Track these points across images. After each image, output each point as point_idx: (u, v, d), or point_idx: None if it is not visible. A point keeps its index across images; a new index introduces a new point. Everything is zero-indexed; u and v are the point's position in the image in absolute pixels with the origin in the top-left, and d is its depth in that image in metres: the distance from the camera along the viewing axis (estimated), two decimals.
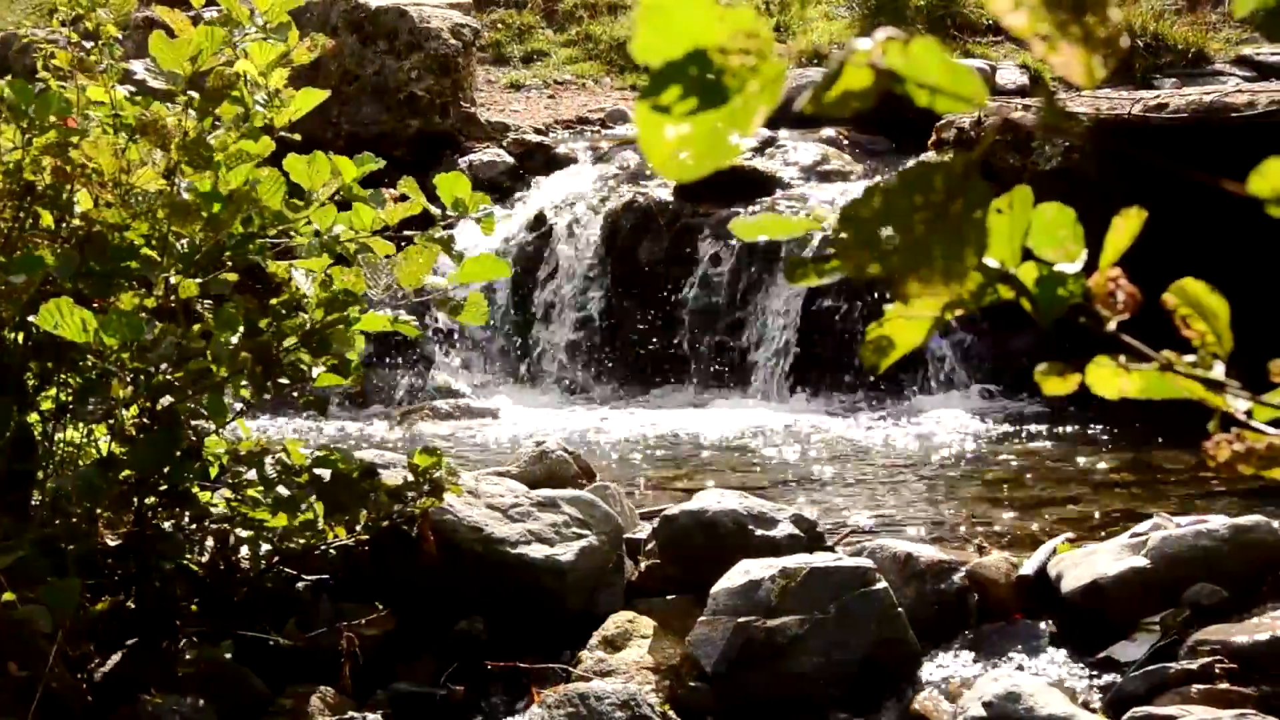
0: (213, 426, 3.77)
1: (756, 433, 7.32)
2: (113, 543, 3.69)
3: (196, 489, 3.77)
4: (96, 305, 3.51)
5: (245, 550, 3.92)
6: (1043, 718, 3.48)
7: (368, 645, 3.92)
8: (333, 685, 3.82)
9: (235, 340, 3.63)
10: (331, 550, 4.02)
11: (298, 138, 3.79)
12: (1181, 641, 3.79)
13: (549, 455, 5.07)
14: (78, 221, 3.63)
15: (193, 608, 3.81)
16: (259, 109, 3.74)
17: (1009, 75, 10.70)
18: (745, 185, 8.78)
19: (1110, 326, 0.99)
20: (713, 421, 7.60)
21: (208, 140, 3.62)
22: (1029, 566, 4.26)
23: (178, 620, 3.77)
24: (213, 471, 3.81)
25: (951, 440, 7.02)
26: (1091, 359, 1.07)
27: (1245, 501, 5.19)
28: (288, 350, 3.67)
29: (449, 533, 4.15)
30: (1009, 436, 7.04)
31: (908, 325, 0.99)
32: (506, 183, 9.60)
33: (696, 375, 8.42)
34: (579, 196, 9.18)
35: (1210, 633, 3.78)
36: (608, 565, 4.31)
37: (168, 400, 3.66)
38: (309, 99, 3.83)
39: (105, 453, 3.70)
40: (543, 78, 12.35)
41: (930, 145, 8.33)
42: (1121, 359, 1.02)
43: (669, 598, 4.25)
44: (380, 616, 3.98)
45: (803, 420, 7.55)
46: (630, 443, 7.19)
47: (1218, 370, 1.01)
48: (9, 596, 3.23)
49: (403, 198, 3.67)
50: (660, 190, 8.90)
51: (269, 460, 3.84)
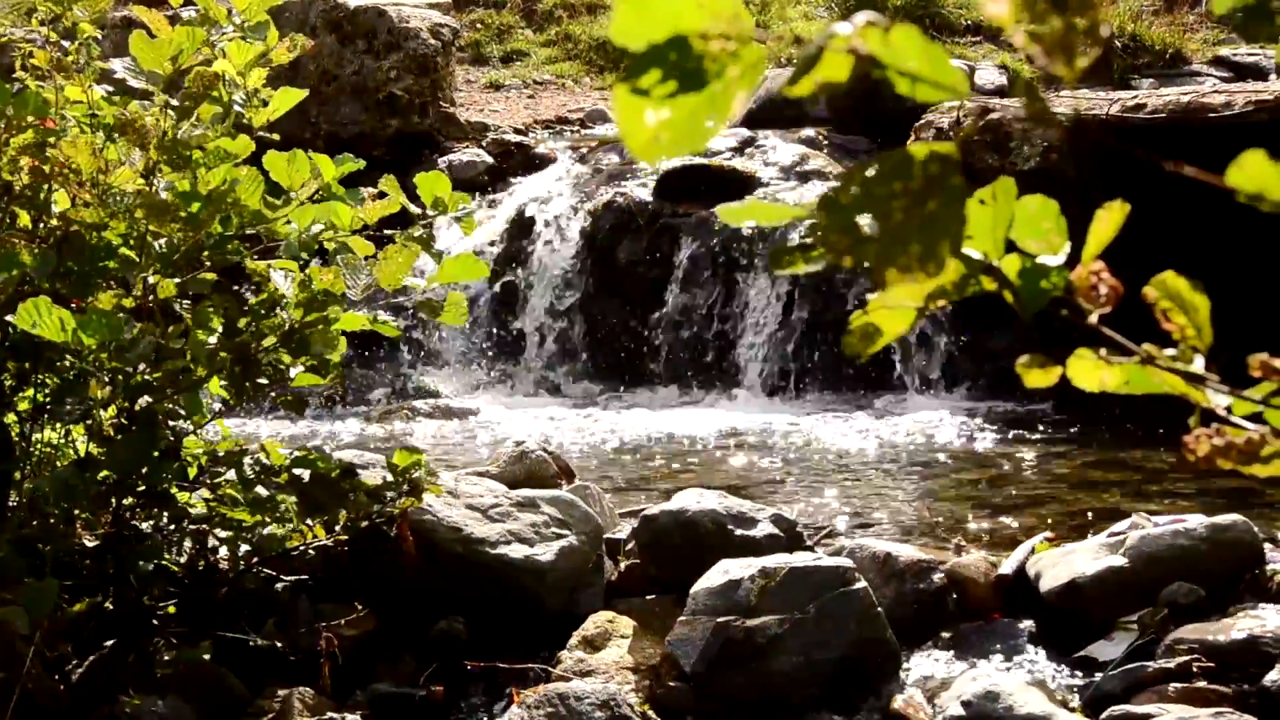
0: (191, 427, 3.76)
1: (736, 433, 7.32)
2: (91, 543, 3.67)
3: (175, 489, 3.76)
4: (74, 305, 3.50)
5: (224, 551, 3.91)
6: (1021, 717, 3.49)
7: (347, 645, 3.91)
8: (312, 686, 3.81)
9: (214, 340, 3.62)
10: (311, 550, 4.01)
11: (276, 137, 3.78)
12: (1159, 640, 3.81)
13: (528, 455, 5.06)
14: (55, 221, 3.62)
15: (171, 608, 3.80)
16: (238, 109, 3.73)
17: (988, 75, 10.72)
18: (725, 185, 8.78)
19: (1092, 319, 0.99)
20: (693, 421, 7.61)
21: (186, 139, 3.61)
22: (1008, 566, 4.27)
23: (156, 621, 3.76)
24: (191, 472, 3.80)
25: (930, 440, 7.04)
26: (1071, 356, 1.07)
27: (1223, 501, 5.21)
28: (267, 350, 3.66)
29: (428, 533, 4.15)
30: (988, 436, 7.06)
31: (891, 314, 0.99)
32: (486, 183, 9.59)
33: (676, 375, 8.42)
34: (558, 196, 9.17)
35: (1188, 632, 3.79)
36: (587, 565, 4.31)
37: (146, 400, 3.65)
38: (287, 99, 3.82)
39: (83, 453, 3.68)
40: (522, 78, 12.34)
41: (909, 144, 8.34)
42: (1102, 352, 1.02)
43: (649, 598, 4.25)
44: (359, 617, 3.98)
45: (782, 420, 7.56)
46: (610, 443, 7.19)
47: (1198, 364, 1.01)
48: None
49: (381, 195, 3.67)
50: (640, 190, 8.90)
51: (248, 460, 3.83)
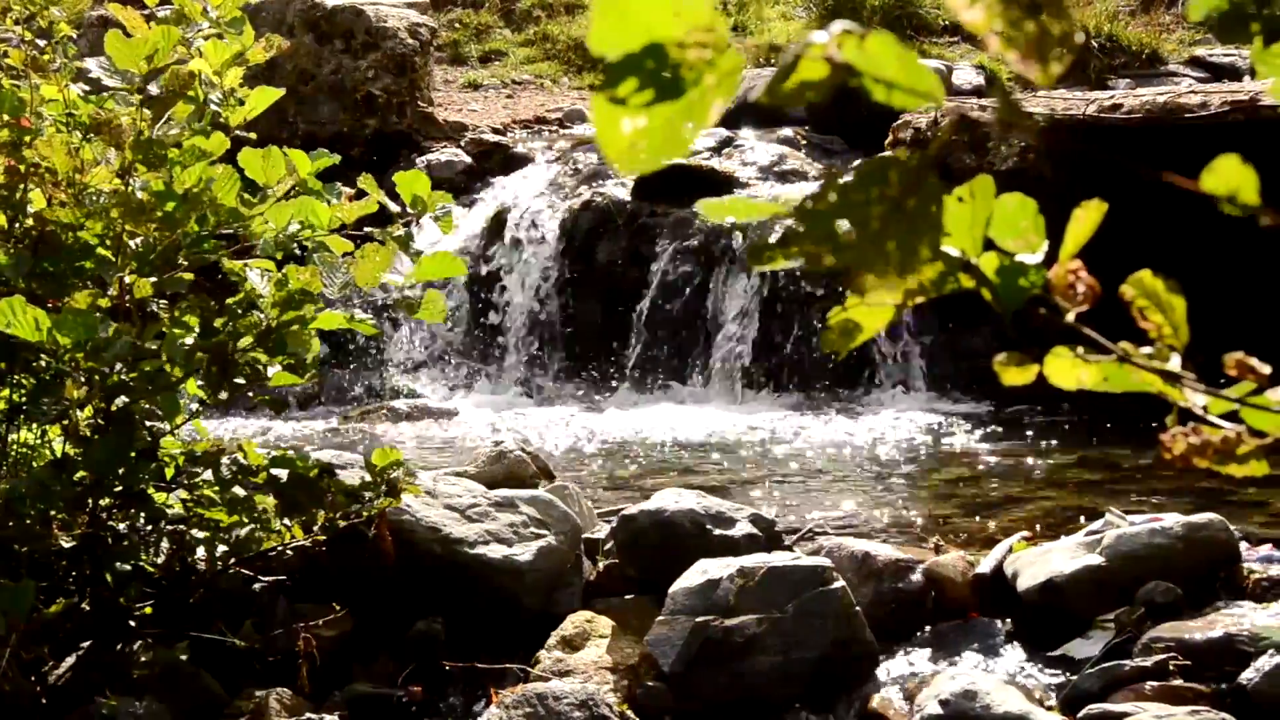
0: (168, 427, 3.75)
1: (715, 432, 7.33)
2: (67, 544, 3.66)
3: (152, 490, 3.75)
4: (50, 305, 3.49)
5: (201, 551, 3.90)
6: (999, 715, 3.50)
7: (325, 646, 3.91)
8: (290, 686, 3.81)
9: (190, 340, 3.61)
10: (288, 551, 4.00)
11: (253, 137, 3.78)
12: (1136, 639, 3.82)
13: (507, 455, 5.06)
14: (31, 221, 3.60)
15: (148, 609, 3.79)
16: (214, 108, 3.72)
17: (965, 76, 10.75)
18: (703, 185, 8.79)
19: (1069, 318, 0.99)
20: (671, 421, 7.61)
21: (162, 139, 3.60)
22: (985, 565, 4.28)
23: (133, 622, 3.75)
24: (168, 472, 3.79)
25: (908, 440, 7.05)
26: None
27: (1198, 499, 5.22)
28: (243, 350, 3.65)
29: (407, 533, 4.14)
30: (965, 435, 7.07)
31: (870, 311, 1.00)
32: (464, 182, 9.58)
33: (655, 375, 8.42)
34: (537, 196, 9.17)
35: (1164, 630, 3.81)
36: (566, 565, 4.31)
37: (123, 401, 3.64)
38: (264, 98, 3.81)
39: (59, 454, 3.67)
40: (500, 77, 12.33)
41: (887, 145, 8.35)
42: (1080, 350, 1.02)
43: (627, 598, 4.25)
44: (337, 617, 3.97)
45: (761, 420, 7.56)
46: (589, 442, 7.19)
47: (1174, 362, 1.02)
48: None
49: (359, 194, 3.66)
50: (618, 190, 8.90)
51: (225, 461, 3.82)
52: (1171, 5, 12.09)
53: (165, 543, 3.86)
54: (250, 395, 3.82)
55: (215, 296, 3.68)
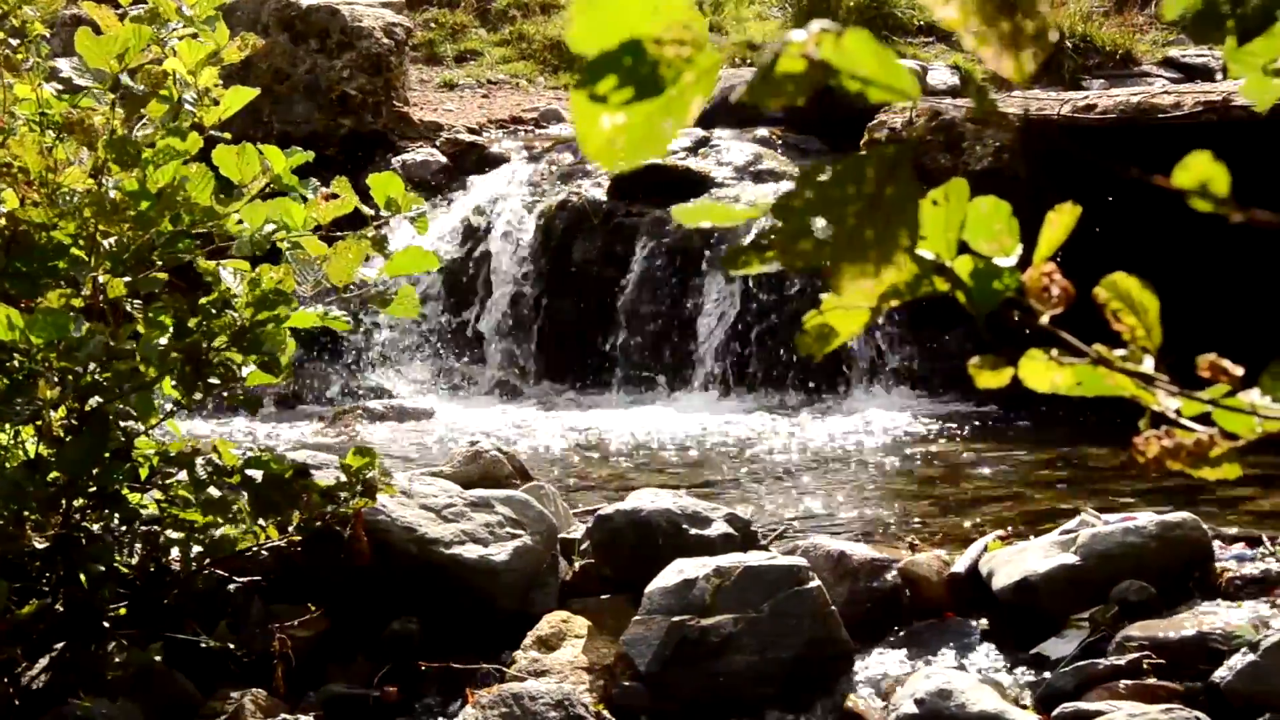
0: (142, 427, 3.74)
1: (691, 432, 7.33)
2: (40, 545, 3.65)
3: (126, 490, 3.73)
4: (23, 305, 3.48)
5: (175, 552, 3.89)
6: (974, 714, 3.51)
7: (300, 646, 3.90)
8: (265, 687, 3.80)
9: (165, 340, 3.60)
10: (263, 552, 3.99)
11: (227, 136, 3.76)
12: (1110, 637, 3.83)
13: (483, 455, 5.05)
14: (3, 221, 3.59)
15: (121, 610, 3.77)
16: (188, 107, 3.71)
17: (940, 76, 10.76)
18: (679, 185, 8.78)
19: (1044, 320, 1.00)
20: (647, 421, 7.61)
21: (135, 138, 3.59)
22: (960, 564, 4.29)
23: (106, 623, 3.74)
24: (143, 473, 3.77)
25: (884, 440, 7.06)
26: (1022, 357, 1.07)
27: (1172, 498, 5.24)
28: (218, 350, 3.64)
29: (382, 533, 4.13)
30: (940, 436, 7.09)
31: (845, 314, 1.00)
32: (440, 182, 9.56)
33: (631, 375, 8.42)
34: (513, 196, 9.16)
35: (1138, 628, 3.82)
36: (542, 565, 4.31)
37: (96, 401, 3.62)
38: (239, 97, 3.80)
39: (33, 454, 3.65)
40: (476, 77, 12.31)
41: (863, 145, 8.37)
42: (1054, 353, 1.03)
43: (603, 597, 4.25)
44: (313, 618, 3.96)
45: (737, 420, 7.57)
46: (565, 442, 7.19)
47: (1147, 364, 1.02)
48: None
49: (333, 196, 3.65)
50: (594, 190, 8.89)
51: (200, 461, 3.81)
52: (1145, 6, 12.13)
53: (139, 543, 3.85)
54: (224, 395, 3.81)
55: (189, 296, 3.67)
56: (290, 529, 3.93)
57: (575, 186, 9.02)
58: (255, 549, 3.95)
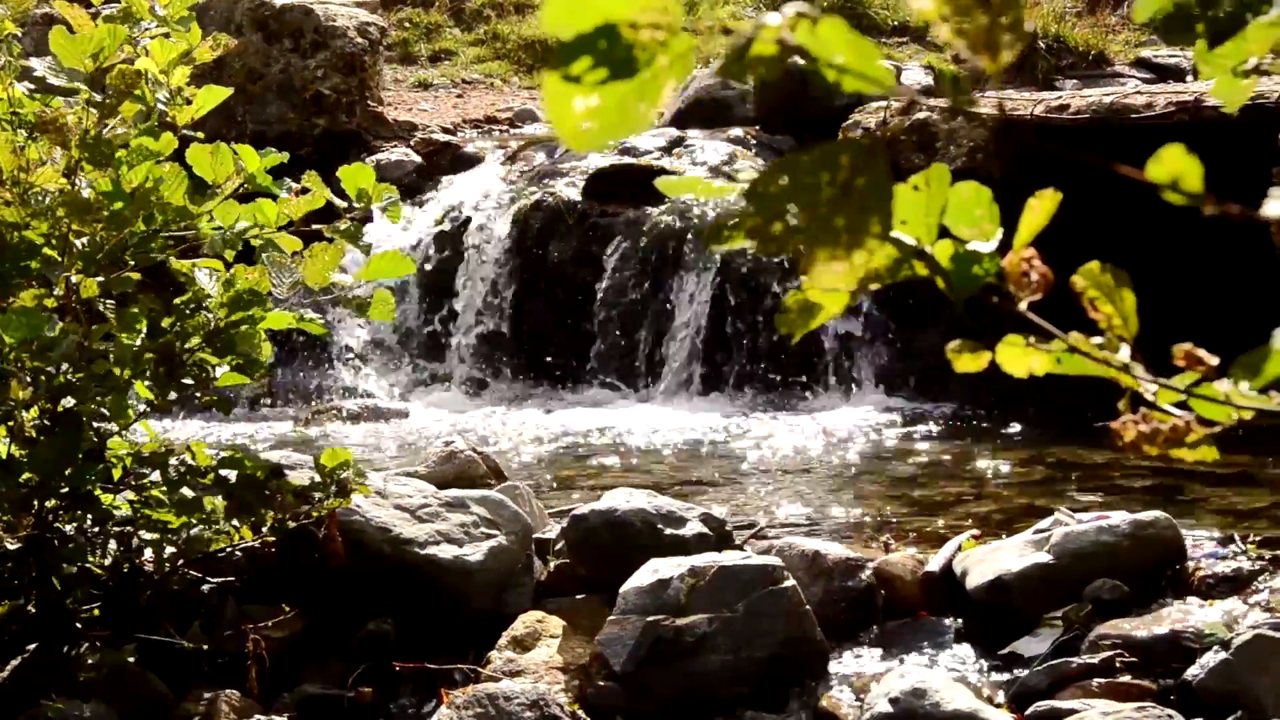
0: (115, 428, 3.72)
1: (666, 432, 7.33)
2: (13, 546, 3.63)
3: (99, 491, 3.72)
4: None
5: (149, 553, 3.87)
6: (948, 713, 3.52)
7: (274, 647, 3.89)
8: (239, 688, 3.79)
9: (138, 340, 3.59)
10: (237, 552, 3.98)
11: (201, 136, 3.75)
12: (1083, 636, 3.85)
13: (458, 455, 5.05)
14: None
15: (95, 611, 3.76)
16: (161, 107, 3.69)
17: (914, 76, 10.79)
18: (653, 185, 8.78)
19: (1022, 306, 1.00)
20: (622, 421, 7.61)
21: (108, 138, 3.57)
22: (935, 563, 4.29)
23: (79, 624, 3.72)
24: (116, 473, 3.76)
25: (858, 439, 7.07)
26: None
27: (1145, 497, 5.27)
28: (192, 350, 3.63)
29: (357, 534, 4.13)
30: (915, 435, 7.11)
31: (826, 295, 1.00)
32: (414, 182, 9.54)
33: (606, 375, 8.42)
34: (487, 196, 9.15)
35: (1111, 627, 3.84)
36: (517, 565, 4.30)
37: (69, 401, 3.61)
38: (211, 97, 3.79)
39: (5, 455, 3.63)
40: (450, 77, 12.30)
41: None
42: (1031, 338, 1.03)
43: (578, 597, 4.25)
44: (287, 618, 3.95)
45: (712, 419, 7.57)
46: (540, 442, 7.18)
47: (1124, 352, 1.03)
48: None
49: (305, 191, 3.64)
50: (569, 190, 8.89)
51: (173, 462, 3.79)
52: (1117, 7, 12.18)
53: (112, 544, 3.83)
54: (198, 396, 3.79)
55: (163, 296, 3.66)
56: (264, 529, 3.91)
57: (550, 186, 9.01)
58: (229, 550, 3.94)
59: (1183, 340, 1.06)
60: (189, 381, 3.67)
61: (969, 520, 5.06)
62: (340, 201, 3.71)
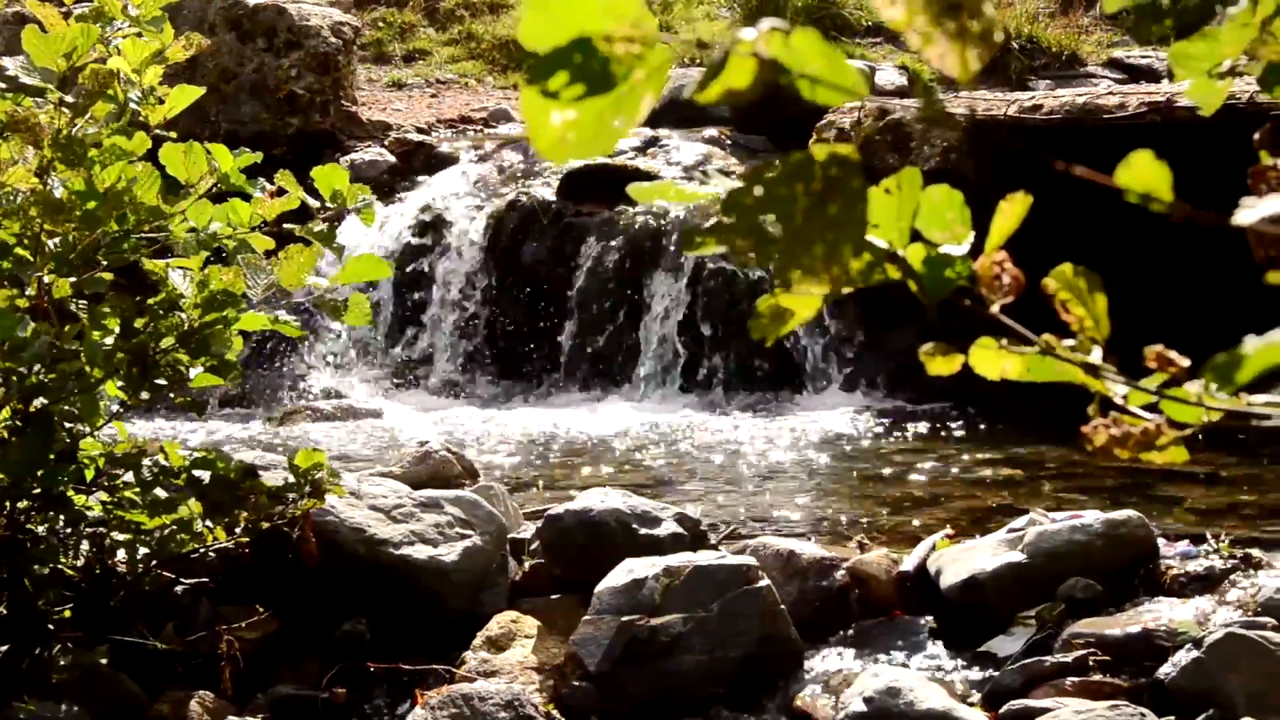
0: (88, 428, 3.71)
1: (640, 432, 7.33)
2: None
3: (71, 492, 3.70)
4: None
5: (122, 554, 3.86)
6: (922, 712, 3.52)
7: (248, 648, 3.88)
8: (212, 689, 3.77)
9: (111, 341, 3.57)
10: (211, 553, 3.96)
11: (174, 135, 3.74)
12: (1057, 635, 3.86)
13: (432, 455, 5.04)
14: None
15: (67, 613, 3.74)
16: (134, 106, 3.68)
17: (888, 76, 10.82)
18: (628, 184, 8.77)
19: (994, 309, 1.00)
20: (597, 421, 7.61)
21: (81, 137, 3.56)
22: (909, 563, 4.30)
23: (52, 625, 3.70)
24: (88, 474, 3.74)
25: (833, 439, 7.09)
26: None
27: (1117, 496, 5.29)
28: (165, 351, 3.61)
29: (331, 534, 4.12)
30: (889, 435, 7.12)
31: (799, 298, 1.00)
32: (389, 182, 9.52)
33: (581, 375, 8.42)
34: (462, 196, 9.14)
35: (1084, 626, 3.85)
36: (491, 565, 4.30)
37: (41, 402, 3.59)
38: (184, 96, 3.78)
39: None
40: (424, 77, 12.28)
41: (811, 145, 8.38)
42: (1004, 341, 1.03)
43: (553, 597, 4.25)
44: (261, 619, 3.94)
45: (687, 419, 7.58)
46: (514, 442, 7.18)
47: (1096, 355, 1.03)
48: None
49: (280, 192, 3.63)
50: (543, 190, 8.89)
51: (146, 462, 3.78)
52: (1090, 7, 12.23)
53: (85, 545, 3.82)
54: (172, 396, 3.78)
55: (136, 297, 3.64)
56: (238, 530, 3.90)
57: (524, 186, 9.01)
58: (203, 550, 3.93)
59: (1156, 342, 1.07)
60: (162, 382, 3.65)
61: (943, 519, 5.08)
62: (314, 202, 3.70)
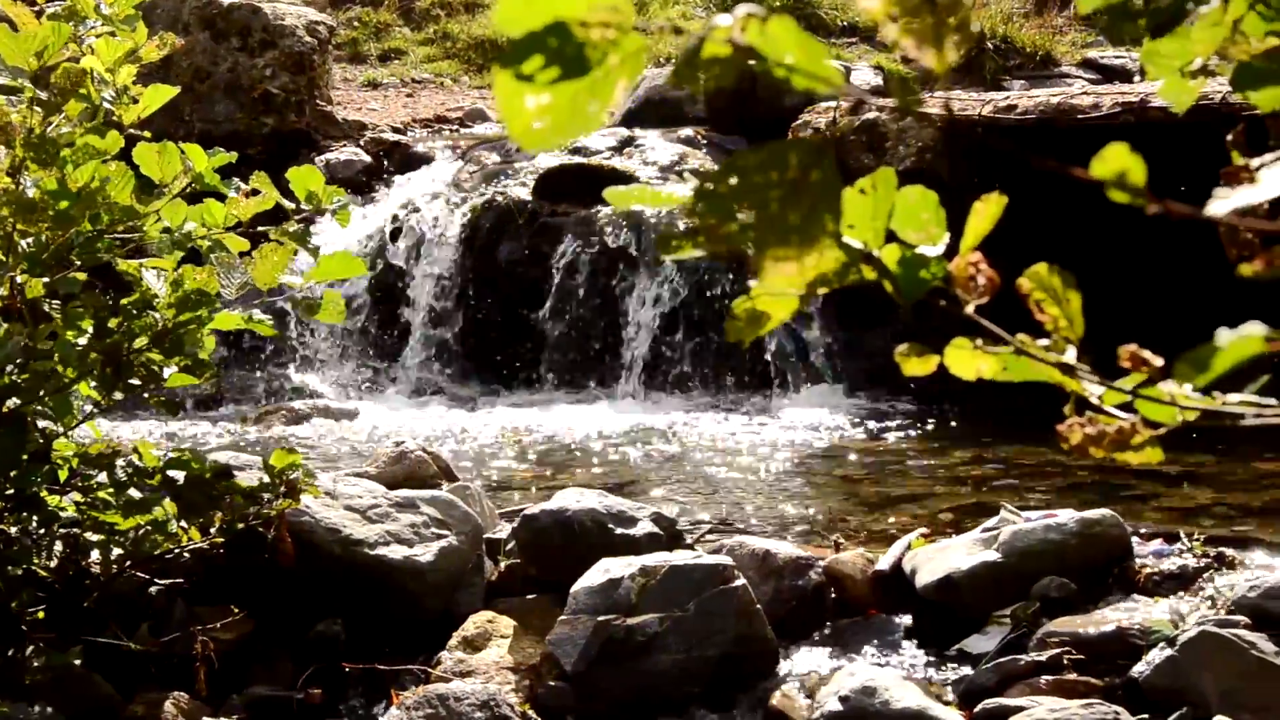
0: (61, 429, 3.69)
1: (617, 432, 7.33)
2: None
3: (45, 493, 3.69)
4: None
5: (96, 554, 3.84)
6: (897, 711, 3.53)
7: (223, 649, 3.87)
8: (187, 690, 3.76)
9: (84, 341, 3.56)
10: (185, 554, 3.95)
11: (147, 135, 3.72)
12: (1031, 633, 3.87)
13: (408, 455, 5.03)
14: None
15: (40, 614, 3.73)
16: (107, 106, 3.66)
17: (863, 76, 10.83)
18: (604, 184, 8.72)
19: (969, 309, 1.00)
20: (573, 421, 7.60)
21: (54, 137, 3.54)
22: (884, 562, 4.31)
23: (25, 626, 3.69)
24: (62, 475, 3.73)
25: (809, 439, 7.09)
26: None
27: (1092, 495, 5.31)
28: (139, 351, 3.60)
29: (307, 534, 4.11)
30: (865, 435, 7.13)
31: (775, 299, 1.00)
32: (364, 181, 9.51)
33: (557, 375, 8.41)
34: (437, 195, 9.12)
35: (1059, 624, 3.86)
36: (467, 566, 4.29)
37: (14, 402, 3.57)
38: (158, 96, 3.76)
39: None
40: (400, 76, 12.26)
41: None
42: (979, 342, 1.03)
43: (529, 597, 4.25)
44: (236, 620, 3.93)
45: (663, 419, 7.58)
46: (490, 442, 7.17)
47: (1070, 354, 1.03)
48: None
49: (254, 193, 3.62)
50: (519, 190, 8.88)
51: (120, 463, 3.76)
52: (1064, 8, 12.27)
53: (58, 546, 3.80)
54: (146, 396, 3.77)
55: (110, 297, 3.63)
56: (213, 531, 3.89)
57: (500, 186, 9.00)
58: (177, 551, 3.91)
59: (1130, 340, 1.07)
60: (136, 382, 3.64)
61: (918, 519, 5.09)
62: (289, 204, 3.69)
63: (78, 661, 3.62)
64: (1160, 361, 1.04)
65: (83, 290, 3.64)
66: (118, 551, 3.84)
